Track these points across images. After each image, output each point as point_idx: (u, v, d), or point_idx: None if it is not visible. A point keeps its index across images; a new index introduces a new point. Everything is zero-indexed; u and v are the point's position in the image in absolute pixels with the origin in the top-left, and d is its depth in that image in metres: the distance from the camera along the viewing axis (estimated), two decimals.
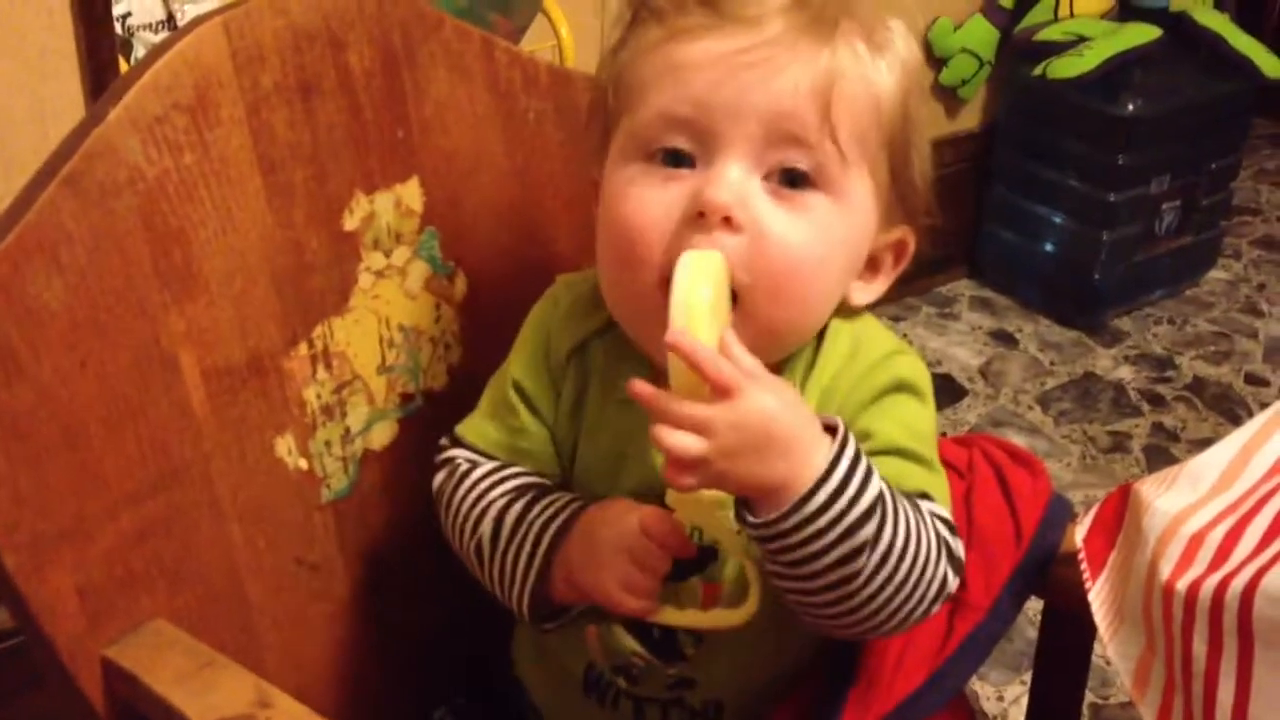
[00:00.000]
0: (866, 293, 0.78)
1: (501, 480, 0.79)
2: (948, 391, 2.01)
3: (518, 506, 0.77)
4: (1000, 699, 1.47)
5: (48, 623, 0.71)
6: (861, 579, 0.67)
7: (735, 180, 0.69)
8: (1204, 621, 0.71)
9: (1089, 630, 0.83)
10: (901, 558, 0.68)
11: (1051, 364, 2.10)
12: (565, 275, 0.84)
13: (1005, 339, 2.16)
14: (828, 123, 0.70)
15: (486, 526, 0.77)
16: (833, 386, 0.76)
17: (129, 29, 1.33)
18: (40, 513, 0.69)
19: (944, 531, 0.72)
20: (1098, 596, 0.80)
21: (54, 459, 0.70)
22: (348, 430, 0.84)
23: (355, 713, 0.89)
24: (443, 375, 0.89)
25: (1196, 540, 0.74)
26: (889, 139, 0.73)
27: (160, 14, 1.34)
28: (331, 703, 0.87)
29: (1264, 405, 1.95)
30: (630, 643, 0.79)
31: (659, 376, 0.72)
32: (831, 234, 0.72)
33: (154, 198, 0.72)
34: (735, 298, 0.70)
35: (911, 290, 2.24)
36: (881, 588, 0.68)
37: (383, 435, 0.86)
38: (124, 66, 1.32)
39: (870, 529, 0.66)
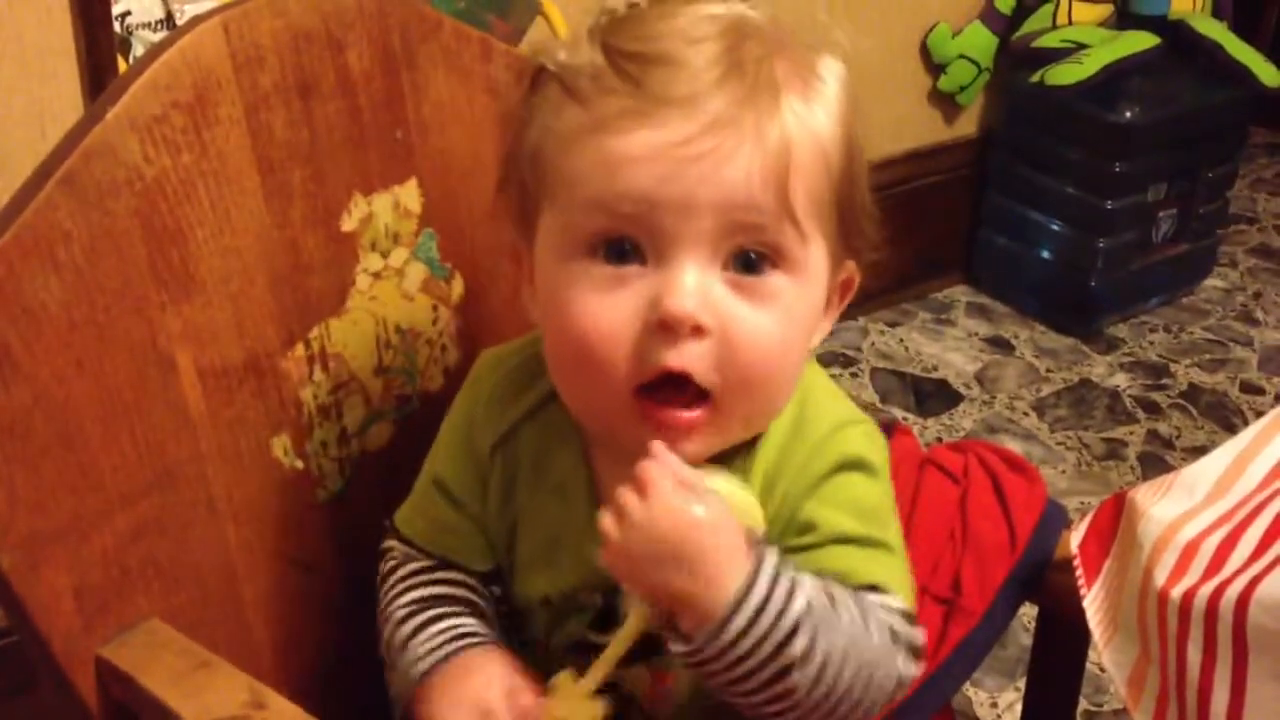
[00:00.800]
0: (816, 334, 0.73)
1: (409, 589, 0.77)
2: (943, 397, 2.01)
3: (406, 629, 0.75)
4: (994, 705, 1.47)
5: (43, 622, 0.70)
6: (799, 693, 0.65)
7: (695, 284, 0.64)
8: (1199, 630, 0.71)
9: (1084, 637, 0.83)
10: (842, 666, 0.65)
11: (1047, 371, 2.10)
12: (489, 351, 0.80)
13: (1001, 345, 2.16)
14: (786, 204, 0.65)
15: (385, 637, 0.77)
16: (775, 472, 0.72)
17: (128, 27, 1.33)
18: (36, 512, 0.69)
19: (898, 625, 0.69)
20: (1092, 603, 0.80)
21: (50, 458, 0.70)
22: (344, 431, 0.84)
23: (348, 714, 0.89)
24: (439, 377, 0.89)
25: (1191, 548, 0.74)
26: (837, 188, 0.69)
27: (159, 13, 1.34)
28: (325, 703, 0.87)
29: (1259, 413, 1.95)
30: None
31: (592, 456, 0.72)
32: (795, 314, 0.68)
33: (152, 197, 0.72)
34: (706, 396, 0.67)
35: (908, 296, 2.24)
36: (825, 696, 0.66)
37: (379, 436, 0.86)
38: (122, 65, 1.32)
39: (798, 647, 0.64)
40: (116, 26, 1.32)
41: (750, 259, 0.66)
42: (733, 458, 0.72)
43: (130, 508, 0.73)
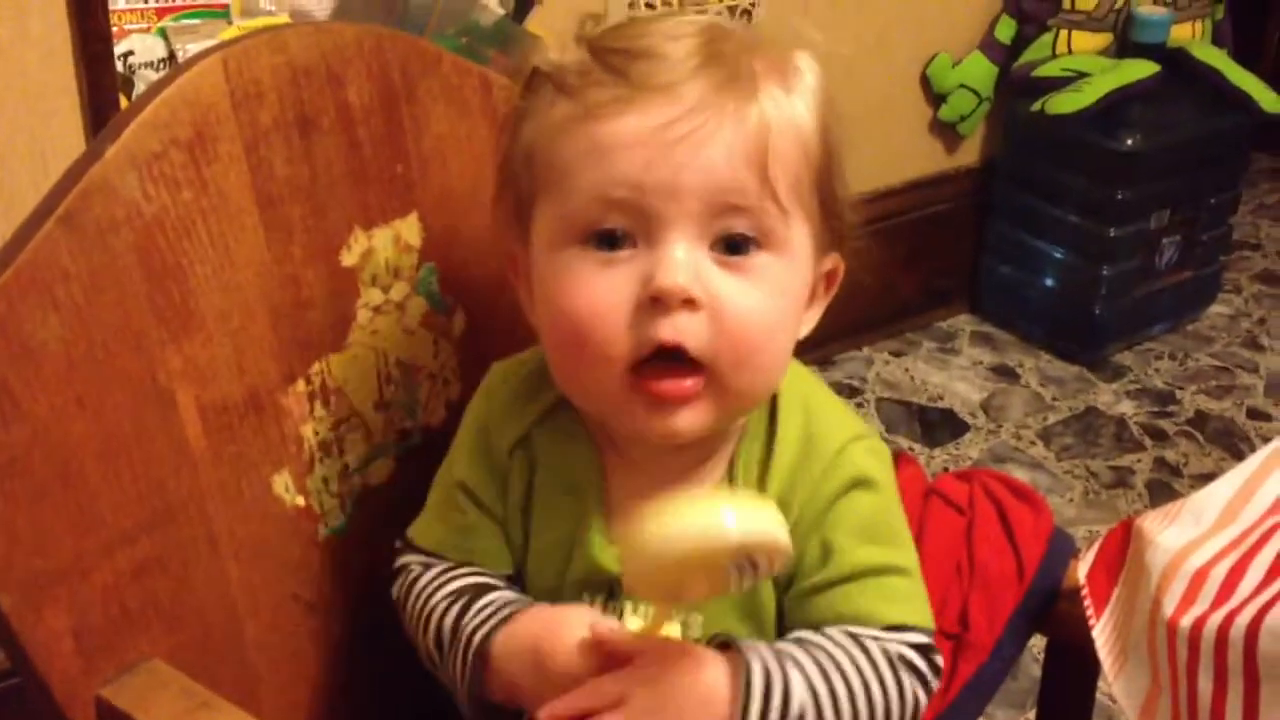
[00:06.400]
0: (805, 324, 0.76)
1: (444, 584, 0.78)
2: (949, 427, 2.01)
3: (454, 612, 0.76)
4: None
5: (43, 664, 0.70)
6: None
7: (685, 260, 0.67)
8: (1209, 659, 0.70)
9: (1093, 667, 0.82)
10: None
11: (1053, 399, 2.09)
12: (500, 364, 0.82)
13: (1006, 374, 2.16)
14: (767, 184, 0.68)
15: (430, 635, 0.77)
16: (787, 496, 0.74)
17: (130, 67, 1.33)
18: (36, 552, 0.69)
19: (915, 659, 0.72)
20: (1102, 633, 0.79)
21: (50, 497, 0.69)
22: (346, 467, 0.84)
23: None
24: (441, 411, 0.88)
25: (1200, 577, 0.74)
26: (817, 176, 0.72)
27: (162, 52, 1.35)
28: None
29: (1266, 440, 1.94)
30: None
31: (604, 458, 0.75)
32: (782, 291, 0.71)
33: (151, 234, 0.72)
34: (702, 369, 0.69)
35: (912, 325, 2.24)
36: None
37: (381, 472, 0.86)
38: (125, 104, 1.32)
39: None
40: (119, 66, 1.32)
41: (736, 241, 0.69)
42: (742, 472, 0.75)
43: (130, 546, 0.73)
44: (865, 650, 0.71)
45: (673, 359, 0.68)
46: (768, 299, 0.70)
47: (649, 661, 0.68)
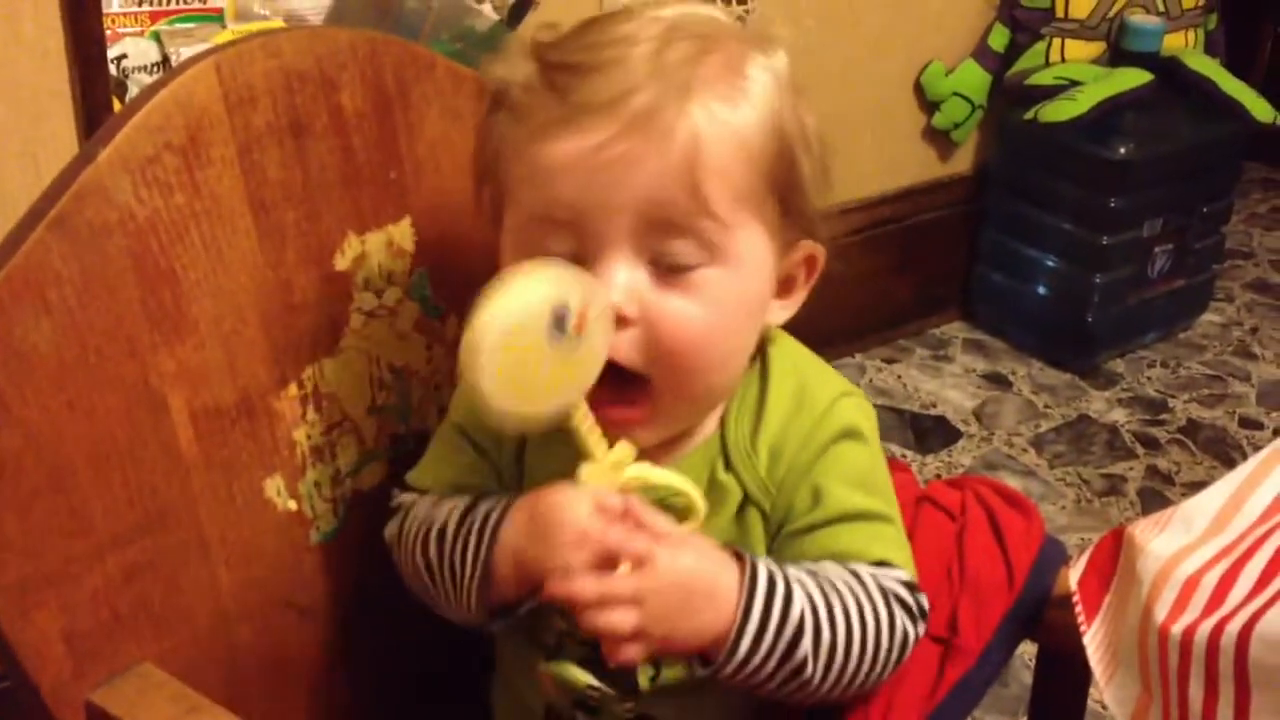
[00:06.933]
0: (784, 310, 0.78)
1: (445, 500, 0.79)
2: (941, 434, 2.01)
3: (458, 512, 0.77)
4: None
5: (33, 667, 0.70)
6: (814, 681, 0.72)
7: (621, 278, 0.70)
8: (1200, 666, 0.70)
9: (1084, 674, 0.82)
10: (849, 648, 0.72)
11: (1045, 407, 2.10)
12: None
13: (999, 381, 2.16)
14: (700, 199, 0.69)
15: (433, 541, 0.77)
16: (779, 444, 0.77)
17: (124, 71, 1.33)
18: (27, 555, 0.69)
19: (903, 593, 0.75)
20: (1093, 640, 0.79)
21: (41, 501, 0.69)
22: (338, 471, 0.84)
23: None
24: (433, 416, 0.88)
25: (1191, 584, 0.74)
26: (770, 175, 0.72)
27: (156, 56, 1.35)
28: None
29: (1258, 448, 1.94)
30: (583, 676, 0.78)
31: None
32: (725, 301, 0.72)
33: (144, 238, 0.72)
34: (646, 380, 0.72)
35: (905, 332, 2.24)
36: (839, 676, 0.73)
37: (373, 476, 0.86)
38: (118, 108, 1.32)
39: (804, 648, 0.71)
40: (113, 70, 1.32)
41: (674, 253, 0.70)
42: (734, 427, 0.77)
43: (121, 550, 0.73)
44: (858, 577, 0.74)
45: (617, 370, 0.71)
46: (707, 310, 0.71)
47: (672, 541, 0.70)
